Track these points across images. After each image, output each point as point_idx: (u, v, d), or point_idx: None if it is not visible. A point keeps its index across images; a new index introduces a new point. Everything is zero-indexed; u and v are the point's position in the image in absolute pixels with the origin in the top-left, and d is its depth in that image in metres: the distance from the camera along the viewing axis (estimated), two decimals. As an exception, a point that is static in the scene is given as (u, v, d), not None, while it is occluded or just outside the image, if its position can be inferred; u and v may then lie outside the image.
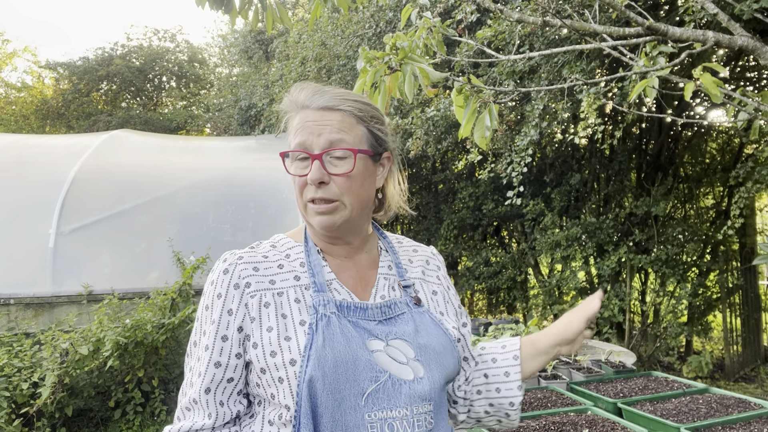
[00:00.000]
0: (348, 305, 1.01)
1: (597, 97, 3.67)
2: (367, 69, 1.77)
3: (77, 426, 4.28)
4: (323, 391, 0.91)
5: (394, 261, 1.15)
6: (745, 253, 6.51)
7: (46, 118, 14.86)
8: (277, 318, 0.98)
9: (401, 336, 1.02)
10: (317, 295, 1.00)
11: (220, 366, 0.98)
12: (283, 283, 1.02)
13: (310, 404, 0.91)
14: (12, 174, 5.86)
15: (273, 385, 0.96)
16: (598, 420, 1.77)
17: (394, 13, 5.83)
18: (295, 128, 1.05)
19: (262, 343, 0.97)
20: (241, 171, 6.78)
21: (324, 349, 0.93)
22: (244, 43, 11.91)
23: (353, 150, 1.03)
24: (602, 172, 6.83)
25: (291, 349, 0.95)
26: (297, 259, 1.07)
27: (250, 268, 1.03)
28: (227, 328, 0.99)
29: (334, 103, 1.05)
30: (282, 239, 1.12)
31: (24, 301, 4.86)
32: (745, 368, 6.51)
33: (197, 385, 0.99)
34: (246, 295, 1.00)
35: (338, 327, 0.96)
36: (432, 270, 1.20)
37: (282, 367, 0.94)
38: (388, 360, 0.97)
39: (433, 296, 1.16)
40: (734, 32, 2.00)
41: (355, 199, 1.04)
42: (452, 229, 7.86)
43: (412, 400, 0.96)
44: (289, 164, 1.06)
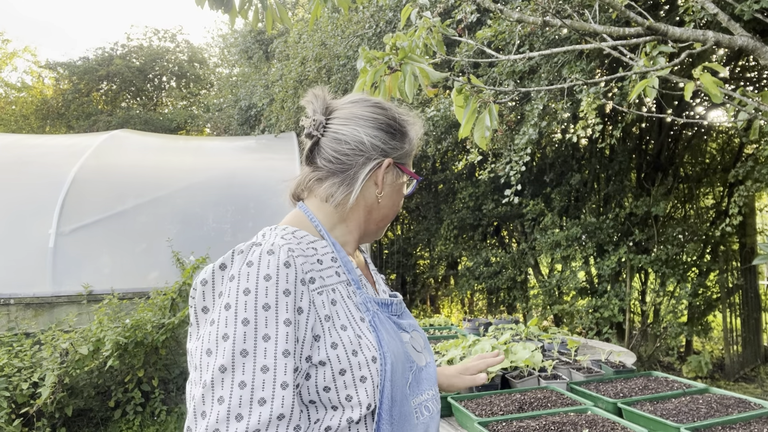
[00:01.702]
0: (380, 302, 1.06)
1: (597, 96, 3.67)
2: (367, 69, 1.77)
3: (77, 426, 4.28)
4: (395, 386, 0.96)
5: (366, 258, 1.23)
6: (745, 253, 6.51)
7: (46, 118, 14.86)
8: (347, 316, 0.96)
9: (416, 328, 1.12)
10: (360, 292, 1.01)
11: (297, 371, 0.87)
12: (330, 279, 0.98)
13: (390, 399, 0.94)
14: (12, 174, 5.86)
15: (352, 386, 0.90)
16: (598, 420, 1.77)
17: (394, 13, 5.83)
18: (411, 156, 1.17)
19: (342, 342, 0.91)
20: (241, 171, 6.78)
21: (390, 345, 0.97)
22: (244, 43, 11.91)
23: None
24: (602, 172, 6.83)
25: (369, 346, 0.94)
26: (327, 254, 1.02)
27: (307, 262, 0.94)
28: (299, 329, 0.87)
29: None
30: (297, 231, 1.02)
31: (24, 301, 4.86)
32: (745, 368, 6.51)
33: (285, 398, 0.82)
34: (312, 291, 0.92)
35: (386, 323, 1.01)
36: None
37: (365, 366, 0.91)
38: (413, 350, 1.05)
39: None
40: (734, 32, 2.00)
41: None
42: (452, 229, 7.86)
43: (431, 383, 1.07)
44: (406, 184, 1.15)
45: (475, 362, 1.35)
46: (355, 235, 1.12)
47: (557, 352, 2.78)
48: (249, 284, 0.85)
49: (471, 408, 1.93)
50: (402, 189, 1.13)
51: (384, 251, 9.61)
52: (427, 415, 1.02)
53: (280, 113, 7.67)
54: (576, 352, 2.80)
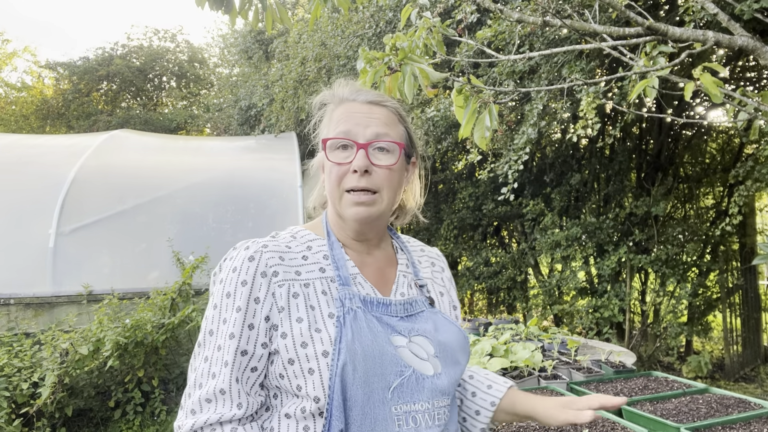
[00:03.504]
0: (372, 300, 1.03)
1: (596, 96, 3.67)
2: (367, 69, 1.77)
3: (77, 426, 4.28)
4: (353, 383, 0.92)
5: (409, 260, 1.16)
6: (745, 253, 6.51)
7: (46, 118, 14.85)
8: (307, 309, 0.98)
9: (423, 333, 1.03)
10: (343, 289, 1.01)
11: (246, 354, 0.96)
12: (308, 275, 1.02)
13: (342, 396, 0.92)
14: (12, 174, 5.85)
15: (301, 377, 0.95)
16: (598, 420, 1.77)
17: (394, 13, 5.83)
18: (337, 118, 1.06)
19: (293, 333, 0.96)
20: (241, 171, 6.78)
21: (354, 343, 0.94)
22: (244, 43, 11.90)
23: (399, 144, 1.05)
24: (602, 172, 6.83)
25: (323, 340, 0.95)
26: (320, 252, 1.06)
27: (276, 257, 1.00)
28: (254, 316, 0.96)
29: (380, 99, 1.08)
30: (300, 231, 1.11)
31: (24, 301, 4.86)
32: (745, 368, 6.51)
33: (224, 375, 0.94)
34: (273, 284, 0.98)
35: (365, 321, 0.98)
36: (437, 271, 1.22)
37: (313, 359, 0.94)
38: (411, 356, 1.00)
39: (440, 297, 1.17)
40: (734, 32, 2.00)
41: (392, 194, 1.06)
42: (452, 229, 7.86)
43: (434, 394, 0.99)
44: (329, 153, 1.05)
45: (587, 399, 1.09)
46: (344, 229, 1.09)
47: (557, 352, 2.78)
48: (224, 275, 1.00)
49: (471, 408, 1.93)
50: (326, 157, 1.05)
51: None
52: (412, 426, 0.96)
53: (280, 113, 7.67)
54: (576, 352, 2.80)
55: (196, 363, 0.98)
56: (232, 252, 1.03)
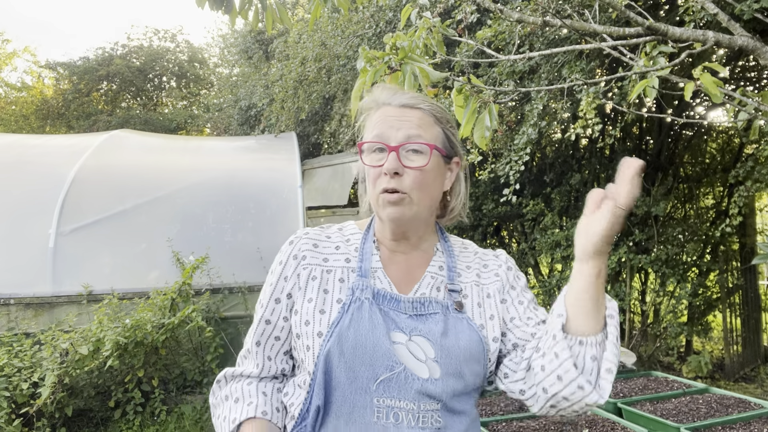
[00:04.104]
0: (384, 294, 1.05)
1: (596, 96, 3.67)
2: (367, 69, 1.77)
3: (77, 426, 4.28)
4: (338, 367, 0.98)
5: (447, 264, 1.14)
6: (745, 253, 6.50)
7: (46, 118, 14.85)
8: (319, 292, 1.07)
9: (425, 334, 1.02)
10: (359, 279, 1.06)
11: (269, 324, 1.10)
12: (334, 263, 1.11)
13: (325, 377, 0.98)
14: (12, 174, 5.85)
15: (303, 351, 1.04)
16: (598, 420, 1.77)
17: (394, 13, 5.83)
18: (374, 123, 1.10)
19: (302, 311, 1.06)
20: (241, 171, 6.78)
21: (348, 329, 0.99)
22: (244, 43, 11.90)
23: (430, 145, 1.07)
24: (602, 172, 6.83)
25: (322, 322, 1.03)
26: (354, 244, 1.15)
27: (310, 244, 1.13)
28: (282, 292, 1.10)
29: (414, 101, 1.10)
30: (350, 225, 1.21)
31: (24, 301, 4.86)
32: (745, 368, 6.51)
33: (251, 337, 1.11)
34: (300, 266, 1.10)
35: (368, 312, 1.01)
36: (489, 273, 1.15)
37: (311, 336, 1.02)
38: (407, 354, 1.00)
39: (487, 299, 1.11)
40: (734, 32, 1.99)
41: (425, 195, 1.07)
42: (452, 229, 7.86)
43: (421, 396, 0.97)
44: (365, 157, 1.10)
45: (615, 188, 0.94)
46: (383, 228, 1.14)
47: (557, 352, 2.77)
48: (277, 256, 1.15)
49: (471, 408, 1.93)
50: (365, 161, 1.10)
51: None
52: (392, 421, 0.96)
53: (280, 113, 7.67)
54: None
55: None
56: None
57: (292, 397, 1.07)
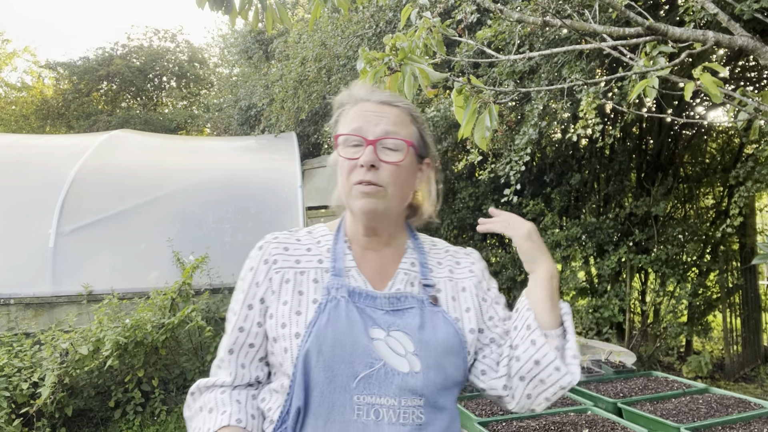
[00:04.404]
0: (360, 292, 1.06)
1: (596, 96, 3.67)
2: (367, 69, 1.77)
3: (77, 426, 4.28)
4: (317, 366, 0.97)
5: (419, 260, 1.16)
6: (745, 253, 6.50)
7: (46, 118, 14.85)
8: (294, 294, 1.07)
9: (403, 329, 1.03)
10: (333, 279, 1.07)
11: (243, 331, 1.08)
12: (306, 264, 1.11)
13: (304, 377, 0.97)
14: (12, 174, 5.85)
15: (281, 354, 1.03)
16: (598, 420, 1.77)
17: (394, 13, 5.83)
18: (351, 117, 1.11)
19: (277, 314, 1.05)
20: (241, 171, 6.77)
21: (326, 328, 0.99)
22: (244, 43, 11.90)
23: (407, 142, 1.09)
24: (602, 172, 6.83)
25: (299, 323, 1.03)
26: (325, 245, 1.15)
27: (280, 248, 1.12)
28: (254, 298, 1.08)
29: (393, 99, 1.13)
30: (320, 227, 1.21)
31: (24, 301, 4.86)
32: (745, 368, 6.51)
33: (224, 346, 1.10)
34: (272, 270, 1.09)
35: (345, 310, 1.02)
36: (462, 269, 1.18)
37: (288, 338, 1.02)
38: (386, 349, 1.00)
39: (462, 293, 1.14)
40: (734, 32, 1.99)
41: (399, 191, 1.09)
42: (452, 229, 7.86)
43: (402, 391, 0.97)
44: (341, 149, 1.10)
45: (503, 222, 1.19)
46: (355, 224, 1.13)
47: (557, 352, 2.77)
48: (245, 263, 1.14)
49: (471, 408, 1.93)
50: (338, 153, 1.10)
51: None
52: (372, 419, 0.95)
53: (280, 113, 7.67)
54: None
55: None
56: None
57: (270, 402, 1.06)
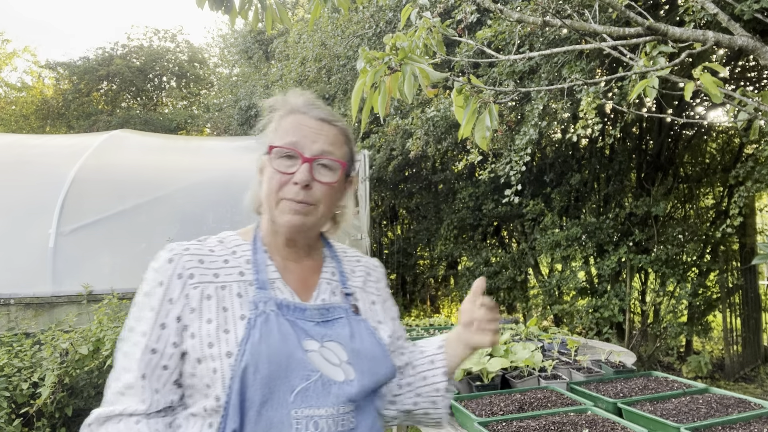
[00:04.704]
0: (288, 304, 1.05)
1: (596, 96, 3.67)
2: (367, 69, 1.77)
3: (77, 426, 4.27)
4: (253, 385, 0.94)
5: (337, 269, 1.19)
6: (745, 253, 6.51)
7: (46, 118, 14.85)
8: (218, 311, 1.01)
9: (336, 339, 1.05)
10: (259, 292, 1.03)
11: (156, 353, 0.99)
12: (227, 278, 1.05)
13: (240, 396, 0.93)
14: (12, 174, 5.85)
15: (208, 376, 0.97)
16: (598, 420, 1.77)
17: (394, 13, 5.83)
18: (286, 128, 1.09)
19: (201, 334, 0.99)
20: (241, 171, 6.76)
21: (260, 345, 0.96)
22: (244, 43, 11.91)
23: (342, 163, 1.10)
24: (602, 172, 6.83)
25: (228, 341, 0.98)
26: (243, 256, 1.10)
27: (195, 260, 1.05)
28: (167, 316, 1.01)
29: (331, 118, 1.12)
30: (230, 236, 1.16)
31: (24, 301, 4.86)
32: (745, 368, 6.51)
33: (134, 371, 0.99)
34: (188, 285, 1.02)
35: (276, 324, 0.99)
36: (372, 281, 1.24)
37: (218, 358, 0.97)
38: (321, 360, 1.01)
39: (372, 306, 1.20)
40: (734, 32, 1.99)
41: (328, 209, 1.10)
42: (452, 229, 7.86)
43: (339, 400, 0.99)
44: (274, 160, 1.08)
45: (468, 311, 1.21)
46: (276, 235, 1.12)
47: (557, 352, 2.78)
48: (147, 275, 1.06)
49: (471, 408, 1.93)
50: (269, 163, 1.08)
51: (384, 251, 9.61)
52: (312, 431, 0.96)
53: (280, 113, 7.66)
54: (576, 352, 2.80)
55: (118, 356, 1.04)
56: (159, 253, 1.08)
57: (188, 429, 1.00)
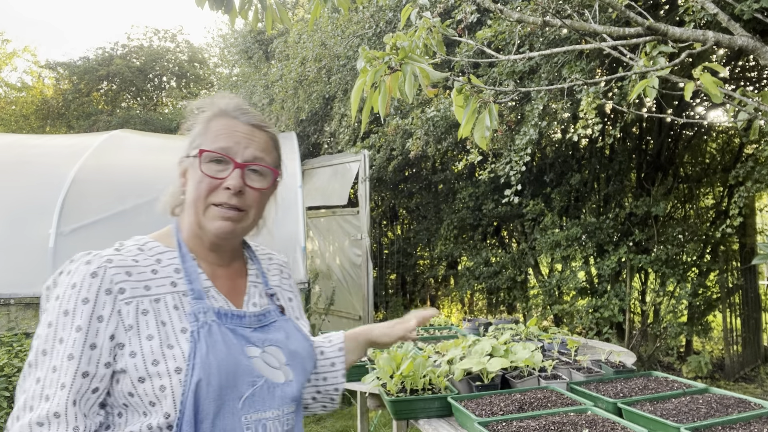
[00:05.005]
0: (226, 313, 1.04)
1: (596, 96, 3.67)
2: (367, 69, 1.77)
3: (77, 426, 4.28)
4: (207, 397, 0.93)
5: (259, 270, 1.20)
6: (745, 253, 6.50)
7: (46, 118, 14.85)
8: (158, 325, 0.97)
9: (275, 343, 1.08)
10: (196, 303, 1.01)
11: (87, 376, 0.92)
12: (159, 289, 1.01)
13: (194, 410, 0.92)
14: (12, 174, 5.85)
15: (153, 394, 0.94)
16: (598, 420, 1.77)
17: (394, 13, 5.83)
18: (216, 132, 1.07)
19: (143, 351, 0.94)
20: (241, 171, 6.77)
21: (208, 357, 0.95)
22: (244, 43, 11.89)
23: (274, 170, 1.10)
24: (602, 172, 6.83)
25: (175, 356, 0.95)
26: (170, 265, 1.06)
27: (122, 273, 0.99)
28: (97, 335, 0.93)
29: (262, 123, 1.12)
30: (149, 242, 1.12)
31: (24, 301, 4.86)
32: (745, 368, 6.51)
33: (60, 398, 0.90)
34: (120, 301, 0.96)
35: (219, 335, 0.99)
36: (285, 278, 1.27)
37: (166, 376, 0.93)
38: (264, 365, 1.03)
39: (290, 303, 1.23)
40: (734, 32, 1.99)
41: (258, 214, 1.11)
42: (452, 229, 7.86)
43: (283, 401, 1.04)
44: (204, 164, 1.06)
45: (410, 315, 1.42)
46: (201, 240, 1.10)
47: (557, 352, 2.78)
48: (60, 291, 0.96)
49: (471, 408, 1.93)
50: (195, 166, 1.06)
51: (384, 251, 9.61)
52: None
53: (280, 113, 7.67)
54: (576, 352, 2.80)
55: (27, 384, 0.94)
56: (69, 265, 1.00)
57: None
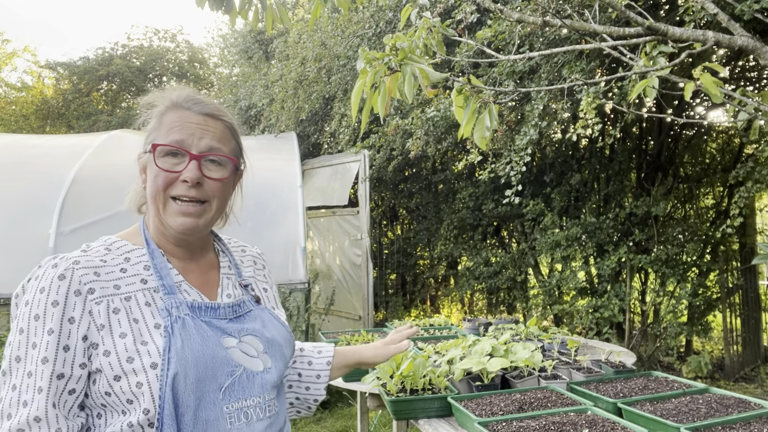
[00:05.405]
0: (200, 306, 1.04)
1: (596, 96, 3.67)
2: (367, 69, 1.77)
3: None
4: (185, 390, 0.94)
5: (231, 261, 1.21)
6: (745, 253, 6.50)
7: (46, 118, 14.85)
8: (130, 323, 0.97)
9: (252, 332, 1.09)
10: (168, 298, 1.01)
11: (62, 378, 0.93)
12: (129, 287, 1.01)
13: (174, 404, 0.92)
14: (12, 174, 5.85)
15: (130, 392, 0.94)
16: (598, 420, 1.77)
17: (394, 13, 5.83)
18: (170, 125, 1.06)
19: (116, 350, 0.94)
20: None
21: (183, 351, 0.95)
22: (244, 43, 11.90)
23: (232, 159, 1.09)
24: (602, 172, 6.83)
25: (150, 352, 0.95)
26: (139, 263, 1.06)
27: (90, 273, 0.99)
28: (69, 337, 0.94)
29: (218, 112, 1.10)
30: (116, 242, 1.11)
31: (24, 301, 4.86)
32: (745, 368, 6.51)
33: (39, 402, 0.90)
34: (90, 302, 0.96)
35: (194, 328, 0.99)
36: (260, 269, 1.29)
37: (141, 372, 0.94)
38: (242, 355, 1.04)
39: (265, 293, 1.25)
40: (734, 32, 1.99)
41: (221, 205, 1.10)
42: (452, 229, 7.86)
43: (264, 388, 1.05)
44: (159, 159, 1.05)
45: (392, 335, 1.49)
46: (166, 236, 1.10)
47: (557, 352, 2.78)
48: (29, 296, 0.97)
49: (471, 408, 1.93)
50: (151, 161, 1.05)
51: (384, 251, 9.61)
52: (244, 421, 1.00)
53: (280, 113, 7.67)
54: (576, 352, 2.80)
55: (2, 393, 0.93)
56: (37, 270, 1.00)
57: None
